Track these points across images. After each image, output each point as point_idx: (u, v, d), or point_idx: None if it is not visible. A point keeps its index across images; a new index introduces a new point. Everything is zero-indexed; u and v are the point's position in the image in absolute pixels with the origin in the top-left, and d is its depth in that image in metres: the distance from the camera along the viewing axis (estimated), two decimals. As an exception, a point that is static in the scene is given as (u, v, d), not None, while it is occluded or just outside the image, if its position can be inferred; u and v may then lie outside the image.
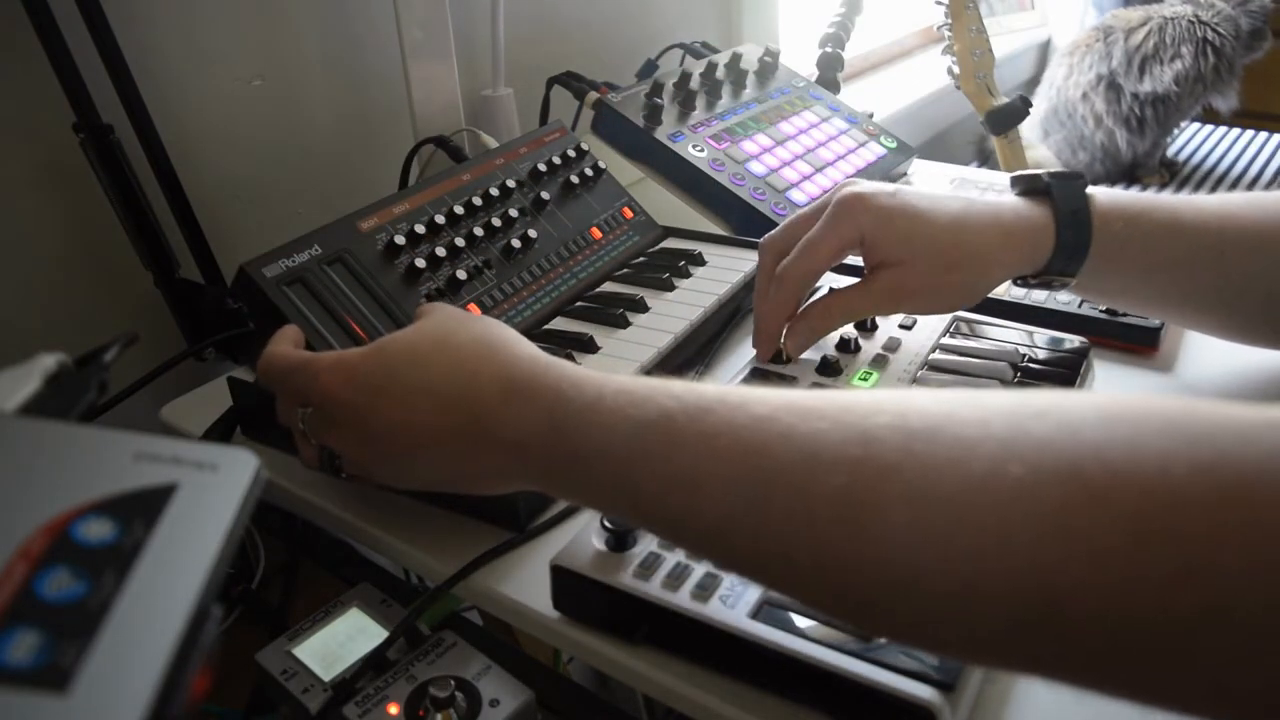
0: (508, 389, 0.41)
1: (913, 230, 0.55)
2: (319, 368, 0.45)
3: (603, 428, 0.38)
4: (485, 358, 0.43)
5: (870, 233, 0.55)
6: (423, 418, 0.42)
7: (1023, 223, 0.56)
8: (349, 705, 0.45)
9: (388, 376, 0.43)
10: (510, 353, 0.43)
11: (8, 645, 0.20)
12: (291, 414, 0.48)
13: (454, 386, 0.42)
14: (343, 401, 0.44)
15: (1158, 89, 1.78)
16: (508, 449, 0.41)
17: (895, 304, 0.57)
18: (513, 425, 0.40)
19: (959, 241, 0.55)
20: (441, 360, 0.43)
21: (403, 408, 0.43)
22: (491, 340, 0.44)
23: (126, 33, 0.67)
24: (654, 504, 0.36)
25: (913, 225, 0.55)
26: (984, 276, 0.56)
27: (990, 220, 0.55)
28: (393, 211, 0.64)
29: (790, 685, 0.40)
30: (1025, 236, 0.55)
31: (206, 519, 0.23)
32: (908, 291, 0.55)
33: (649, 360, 0.62)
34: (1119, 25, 1.83)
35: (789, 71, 1.05)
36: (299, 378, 0.46)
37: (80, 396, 0.28)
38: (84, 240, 0.71)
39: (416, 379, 0.43)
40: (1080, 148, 1.89)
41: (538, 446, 0.40)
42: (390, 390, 0.43)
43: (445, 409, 0.42)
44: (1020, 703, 0.41)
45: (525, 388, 0.41)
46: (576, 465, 0.39)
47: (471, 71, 0.93)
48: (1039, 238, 0.55)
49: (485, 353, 0.43)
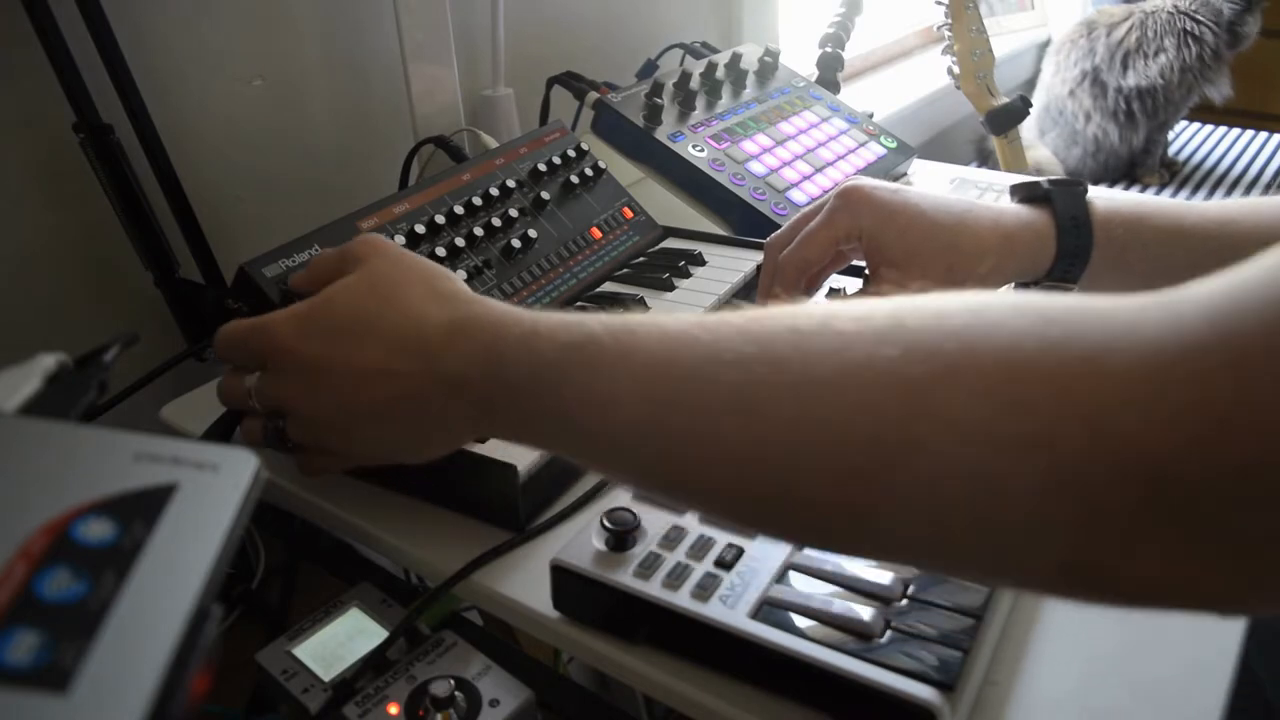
0: (453, 328, 0.42)
1: (913, 227, 0.55)
2: (272, 323, 0.46)
3: (534, 352, 0.39)
4: (433, 300, 0.44)
5: (870, 227, 0.55)
6: (373, 360, 0.43)
7: (1024, 229, 0.56)
8: (349, 705, 0.45)
9: (338, 323, 0.44)
10: (456, 295, 0.44)
11: (8, 645, 0.20)
12: (238, 386, 0.48)
13: (403, 330, 0.43)
14: (296, 352, 0.45)
15: (1141, 82, 1.79)
16: (451, 385, 0.42)
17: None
18: (456, 360, 0.41)
19: (959, 243, 0.55)
20: (391, 307, 0.44)
21: (354, 352, 0.43)
22: (438, 285, 0.45)
23: (126, 33, 0.67)
24: (577, 427, 0.38)
25: (913, 223, 0.55)
26: (983, 280, 0.56)
27: (991, 224, 0.55)
28: (393, 211, 0.64)
29: (790, 685, 0.40)
30: (1026, 242, 0.55)
31: (206, 519, 0.23)
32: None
33: (649, 360, 0.62)
34: (1102, 21, 1.85)
35: (789, 71, 1.05)
36: (254, 339, 0.47)
37: (80, 396, 0.28)
38: (84, 240, 0.71)
39: (367, 325, 0.44)
40: (1074, 143, 1.89)
41: (477, 379, 0.41)
42: (340, 337, 0.44)
43: (395, 351, 0.43)
44: (1020, 703, 0.41)
45: (470, 324, 0.42)
46: (510, 394, 0.40)
47: (471, 71, 0.93)
48: (1040, 244, 0.55)
49: (432, 296, 0.44)
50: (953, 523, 0.29)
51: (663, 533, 0.45)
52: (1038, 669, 0.43)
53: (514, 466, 0.50)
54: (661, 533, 0.45)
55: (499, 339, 0.41)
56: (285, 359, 0.45)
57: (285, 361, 0.45)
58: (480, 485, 0.52)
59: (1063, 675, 0.42)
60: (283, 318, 0.46)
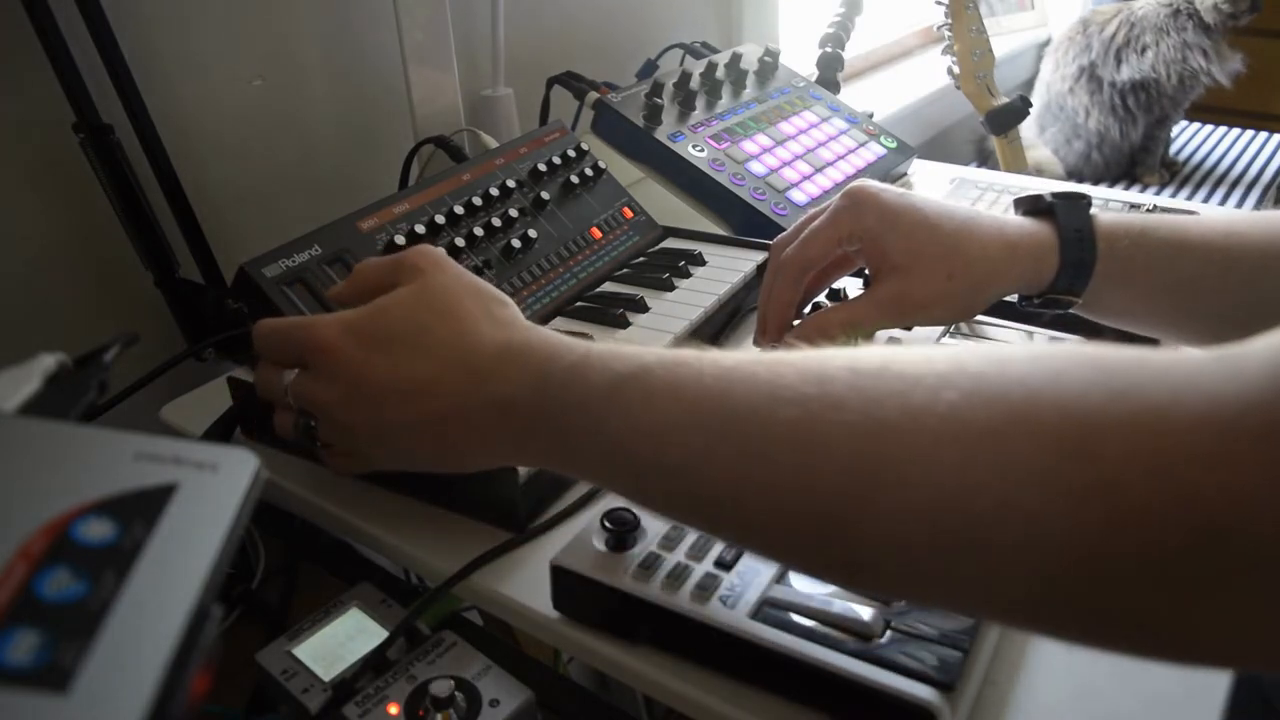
0: (506, 351, 0.42)
1: (916, 232, 0.54)
2: (319, 322, 0.45)
3: (585, 381, 0.39)
4: (487, 321, 0.44)
5: (873, 228, 0.55)
6: (422, 375, 0.43)
7: (1027, 239, 0.55)
8: (349, 705, 0.45)
9: (389, 334, 0.44)
10: (512, 321, 0.44)
11: (8, 645, 0.20)
12: (274, 378, 0.48)
13: (456, 347, 0.43)
14: (341, 353, 0.44)
15: (1135, 76, 1.80)
16: (498, 408, 0.41)
17: (897, 313, 0.56)
18: (505, 382, 0.41)
19: (961, 249, 0.54)
20: (446, 324, 0.44)
21: (402, 364, 0.43)
22: (494, 309, 0.45)
23: (126, 33, 0.67)
24: (625, 457, 0.38)
25: (916, 227, 0.54)
26: (984, 288, 0.55)
27: (994, 233, 0.55)
28: (393, 211, 0.64)
29: (790, 685, 0.40)
30: (1030, 252, 0.55)
31: (206, 519, 0.23)
32: (909, 302, 0.55)
33: (649, 360, 0.62)
34: (1095, 18, 1.86)
35: (789, 71, 1.05)
36: (297, 334, 0.46)
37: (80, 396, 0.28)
38: (84, 240, 0.71)
39: (419, 338, 0.43)
40: (1075, 137, 1.90)
41: (524, 404, 0.41)
42: (390, 347, 0.43)
43: (445, 368, 0.42)
44: (1020, 703, 0.41)
45: (523, 350, 0.42)
46: (558, 423, 0.40)
47: (471, 71, 0.93)
48: (1043, 255, 0.55)
49: (487, 317, 0.44)
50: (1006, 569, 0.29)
51: (663, 533, 0.45)
52: (1038, 669, 0.43)
53: (514, 466, 0.50)
54: (661, 533, 0.45)
55: (550, 366, 0.41)
56: (328, 361, 0.44)
57: (327, 364, 0.45)
58: (480, 485, 0.52)
59: (1062, 675, 0.42)
60: (331, 320, 0.45)
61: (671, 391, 0.36)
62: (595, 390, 0.38)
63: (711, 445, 0.35)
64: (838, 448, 0.32)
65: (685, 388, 0.36)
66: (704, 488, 0.35)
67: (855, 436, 0.31)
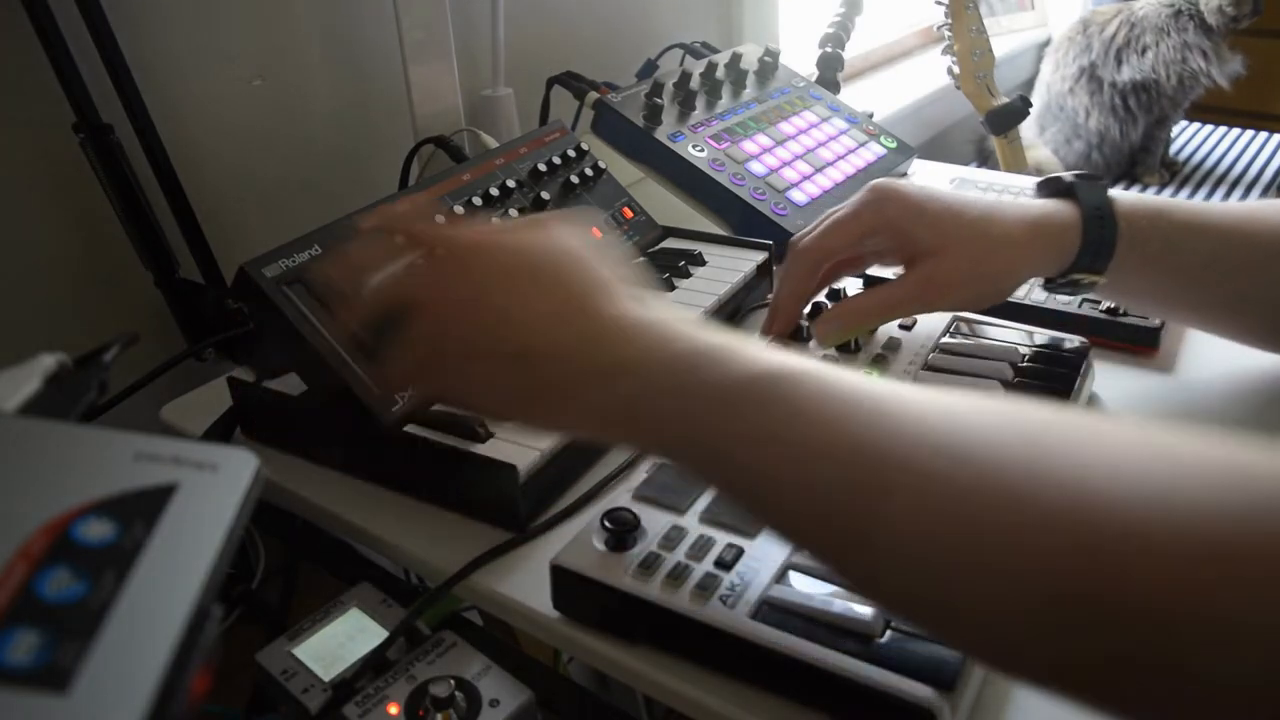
0: (644, 322, 0.40)
1: (943, 219, 0.56)
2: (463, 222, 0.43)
3: (724, 369, 0.37)
4: (634, 297, 0.42)
5: (898, 220, 0.56)
6: (545, 296, 0.41)
7: (1049, 220, 0.56)
8: (349, 705, 0.45)
9: (536, 265, 0.42)
10: (647, 297, 0.42)
11: (8, 645, 0.20)
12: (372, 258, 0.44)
13: (587, 289, 0.41)
14: (487, 254, 0.42)
15: (1135, 76, 1.81)
16: (608, 372, 0.39)
17: (930, 296, 0.56)
18: (628, 346, 0.39)
19: (988, 233, 0.55)
20: (582, 269, 0.42)
21: (539, 291, 0.41)
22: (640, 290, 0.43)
23: (126, 33, 0.67)
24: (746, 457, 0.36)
25: (943, 215, 0.56)
26: (1012, 270, 0.57)
27: (1017, 216, 0.56)
28: (393, 211, 0.64)
29: (790, 685, 0.40)
30: (1052, 232, 0.56)
31: (206, 519, 0.23)
32: (940, 283, 0.56)
33: (649, 360, 0.62)
34: (1095, 19, 1.87)
35: (789, 71, 1.05)
36: (445, 228, 0.44)
37: (80, 396, 0.28)
38: (84, 240, 0.71)
39: (553, 268, 0.42)
40: (1075, 137, 1.90)
41: (643, 377, 0.38)
42: (536, 275, 0.41)
43: (568, 302, 0.40)
44: (1020, 703, 0.41)
45: (663, 326, 0.39)
46: (670, 402, 0.37)
47: (471, 71, 0.93)
48: (1065, 234, 0.56)
49: (623, 279, 0.42)
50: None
51: (663, 533, 0.45)
52: (1038, 669, 0.43)
53: (514, 466, 0.50)
54: (661, 533, 0.45)
55: (677, 346, 0.38)
56: (472, 257, 0.42)
57: (468, 260, 0.42)
58: (480, 485, 0.52)
59: (1063, 675, 0.42)
60: (479, 224, 0.43)
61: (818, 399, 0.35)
62: (734, 381, 0.36)
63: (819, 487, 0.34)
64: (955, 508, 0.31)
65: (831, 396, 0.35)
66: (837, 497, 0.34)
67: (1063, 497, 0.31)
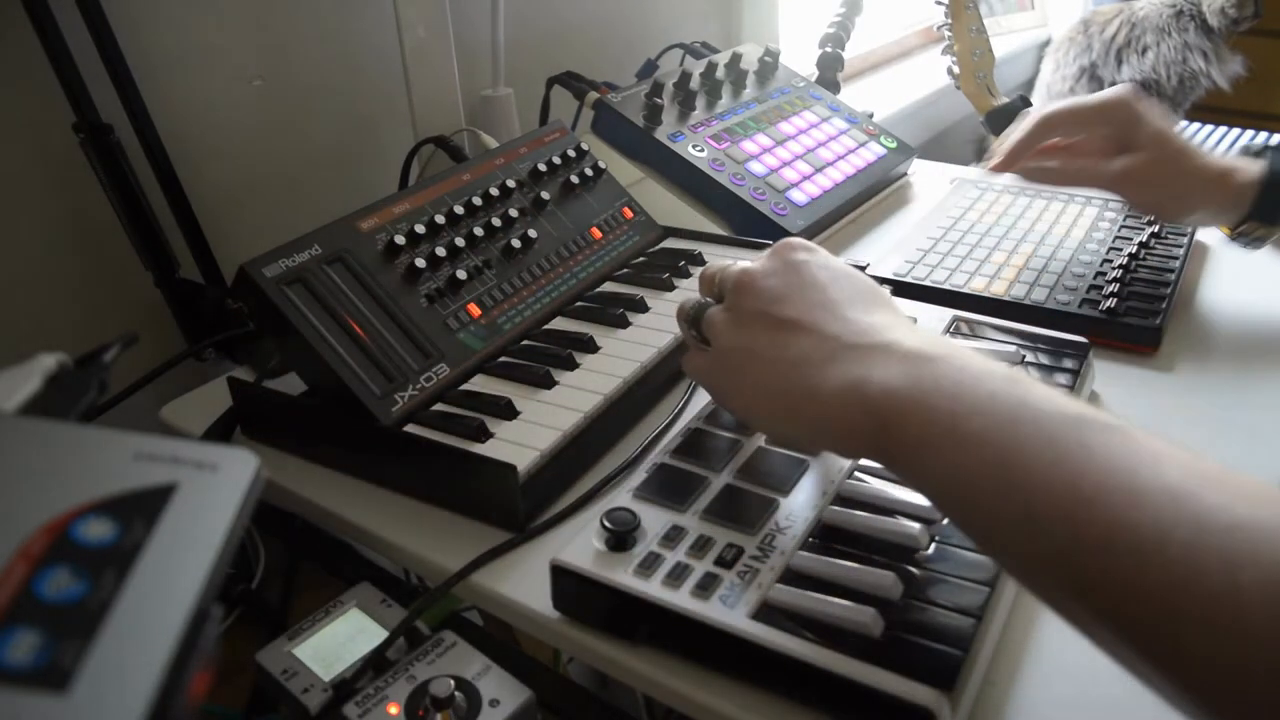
0: (915, 345, 0.41)
1: (1165, 132, 0.70)
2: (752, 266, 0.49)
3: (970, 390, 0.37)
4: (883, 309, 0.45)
5: (1141, 118, 0.70)
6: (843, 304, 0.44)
7: (1236, 171, 0.70)
8: (349, 705, 0.45)
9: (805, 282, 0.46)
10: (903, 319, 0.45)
11: (8, 645, 0.20)
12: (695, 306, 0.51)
13: (877, 306, 0.45)
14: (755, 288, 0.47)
15: (1135, 76, 1.81)
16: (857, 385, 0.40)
17: (1122, 183, 0.71)
18: (880, 367, 0.40)
19: (1189, 157, 0.70)
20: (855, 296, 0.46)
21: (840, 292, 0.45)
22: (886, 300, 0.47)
23: (126, 33, 0.67)
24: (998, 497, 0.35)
25: (1166, 129, 0.70)
26: (1189, 195, 0.71)
27: (1215, 159, 0.70)
28: (393, 211, 0.64)
29: (790, 685, 0.40)
30: (1235, 181, 0.69)
31: (206, 519, 0.23)
32: (1137, 179, 0.70)
33: (649, 360, 0.62)
34: (1096, 19, 1.87)
35: (789, 71, 1.05)
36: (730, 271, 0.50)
37: (80, 396, 0.28)
38: (84, 240, 0.71)
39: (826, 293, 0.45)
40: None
41: (884, 393, 0.39)
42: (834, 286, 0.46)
43: (864, 312, 0.44)
44: (1020, 703, 0.41)
45: (930, 347, 0.40)
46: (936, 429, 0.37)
47: (471, 71, 0.93)
48: (1246, 187, 0.69)
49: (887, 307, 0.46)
50: None
51: (663, 532, 0.45)
52: (1038, 669, 0.43)
53: (514, 466, 0.50)
54: (661, 532, 0.45)
55: (931, 367, 0.39)
56: (742, 295, 0.47)
57: (740, 295, 0.47)
58: (480, 485, 0.52)
59: (1062, 675, 0.42)
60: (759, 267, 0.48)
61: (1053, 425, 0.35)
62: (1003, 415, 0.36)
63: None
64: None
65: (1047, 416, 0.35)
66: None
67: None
